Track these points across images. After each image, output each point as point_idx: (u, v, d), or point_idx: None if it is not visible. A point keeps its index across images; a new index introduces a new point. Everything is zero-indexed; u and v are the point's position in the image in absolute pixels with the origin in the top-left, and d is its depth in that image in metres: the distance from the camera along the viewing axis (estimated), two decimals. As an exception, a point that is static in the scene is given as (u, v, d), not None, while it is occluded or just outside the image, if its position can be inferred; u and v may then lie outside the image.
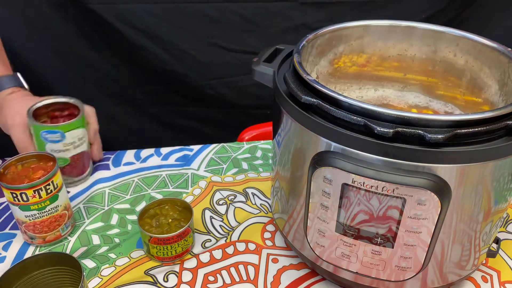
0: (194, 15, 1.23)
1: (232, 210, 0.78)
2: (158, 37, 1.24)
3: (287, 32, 1.27)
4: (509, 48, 0.60)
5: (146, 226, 0.68)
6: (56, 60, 1.26)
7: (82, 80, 1.31)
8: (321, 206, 0.54)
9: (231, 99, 1.36)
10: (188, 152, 0.92)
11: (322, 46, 0.67)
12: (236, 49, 1.29)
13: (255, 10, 1.23)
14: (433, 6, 1.27)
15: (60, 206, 0.69)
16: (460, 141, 0.47)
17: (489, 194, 0.51)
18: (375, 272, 0.56)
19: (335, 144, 0.50)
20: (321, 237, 0.57)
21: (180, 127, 1.43)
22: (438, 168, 0.47)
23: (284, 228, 0.66)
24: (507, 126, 0.48)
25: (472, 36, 0.64)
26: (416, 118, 0.47)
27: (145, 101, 1.38)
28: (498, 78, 0.62)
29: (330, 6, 1.24)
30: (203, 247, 0.71)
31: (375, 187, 0.49)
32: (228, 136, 1.08)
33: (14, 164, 0.68)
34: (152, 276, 0.66)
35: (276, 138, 0.62)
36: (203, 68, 1.31)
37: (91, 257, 0.69)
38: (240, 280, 0.66)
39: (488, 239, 0.59)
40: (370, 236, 0.53)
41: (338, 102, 0.50)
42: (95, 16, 1.19)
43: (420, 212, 0.49)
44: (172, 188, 0.83)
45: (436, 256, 0.55)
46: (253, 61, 0.62)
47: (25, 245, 0.71)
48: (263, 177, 0.86)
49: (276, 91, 0.58)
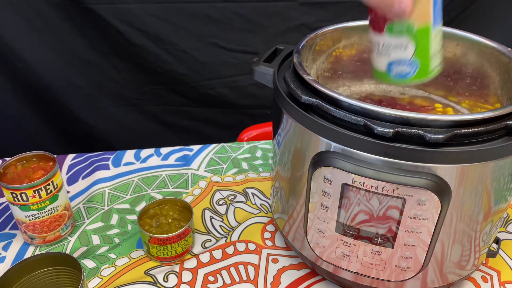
0: (194, 15, 1.23)
1: (232, 210, 0.78)
2: (158, 37, 1.25)
3: (287, 32, 1.27)
4: (509, 48, 0.60)
5: (146, 226, 0.68)
6: (56, 60, 1.26)
7: (82, 80, 1.31)
8: (321, 206, 0.54)
9: (231, 99, 1.37)
10: (188, 152, 0.92)
11: (322, 46, 0.67)
12: (236, 49, 1.29)
13: (255, 10, 1.24)
14: (433, 6, 1.27)
15: (60, 206, 0.69)
16: (460, 141, 0.47)
17: (489, 194, 0.51)
18: (375, 272, 0.56)
19: (335, 144, 0.50)
20: (321, 237, 0.57)
21: (180, 127, 1.43)
22: (438, 168, 0.47)
23: (284, 228, 0.66)
24: (507, 126, 0.48)
25: (472, 36, 0.64)
26: (416, 118, 0.47)
27: (145, 101, 1.38)
28: (498, 78, 0.62)
29: (330, 6, 1.24)
30: (203, 247, 0.71)
31: (375, 187, 0.49)
32: (228, 136, 1.08)
33: (14, 164, 0.68)
34: (152, 276, 0.66)
35: (276, 138, 0.62)
36: (203, 68, 1.31)
37: (91, 257, 0.69)
38: (240, 280, 0.66)
39: (488, 239, 0.59)
40: (370, 236, 0.53)
41: (338, 102, 0.50)
42: (95, 16, 1.20)
43: (420, 212, 0.49)
44: (172, 188, 0.83)
45: (436, 256, 0.55)
46: (253, 61, 0.62)
47: (25, 245, 0.71)
48: (263, 177, 0.86)
49: (276, 91, 0.58)
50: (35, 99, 1.30)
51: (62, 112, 1.33)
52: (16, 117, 1.32)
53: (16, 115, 1.31)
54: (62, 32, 1.22)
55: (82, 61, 1.28)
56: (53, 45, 1.24)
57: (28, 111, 1.32)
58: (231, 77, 1.33)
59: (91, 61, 1.28)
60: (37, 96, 1.30)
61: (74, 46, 1.25)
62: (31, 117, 1.33)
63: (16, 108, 1.30)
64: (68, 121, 1.36)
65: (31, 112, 1.32)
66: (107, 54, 1.28)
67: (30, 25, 1.20)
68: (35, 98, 1.30)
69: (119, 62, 1.30)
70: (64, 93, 1.31)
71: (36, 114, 1.33)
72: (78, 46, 1.25)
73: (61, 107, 1.32)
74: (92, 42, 1.25)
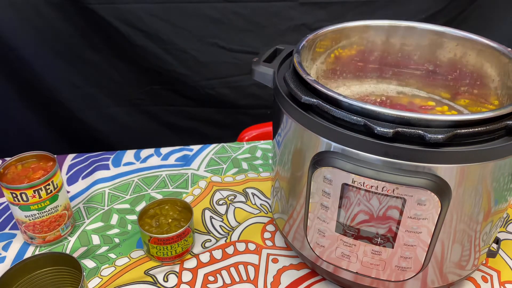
0: (194, 15, 1.23)
1: (232, 210, 0.78)
2: (158, 37, 1.25)
3: (287, 32, 1.27)
4: (509, 48, 0.60)
5: (146, 226, 0.68)
6: (56, 60, 1.26)
7: (82, 80, 1.31)
8: (321, 206, 0.54)
9: (231, 99, 1.37)
10: (188, 152, 0.92)
11: (322, 46, 0.67)
12: (236, 49, 1.29)
13: (255, 10, 1.24)
14: (433, 6, 1.28)
15: (60, 206, 0.69)
16: (460, 141, 0.47)
17: (489, 194, 0.51)
18: (375, 272, 0.56)
19: (335, 144, 0.50)
20: (321, 237, 0.57)
21: (180, 127, 1.44)
22: (438, 168, 0.47)
23: (284, 228, 0.66)
24: (507, 126, 0.48)
25: (472, 36, 0.64)
26: (416, 118, 0.47)
27: (145, 101, 1.38)
28: (498, 78, 0.62)
29: (330, 6, 1.25)
30: (203, 247, 0.71)
31: (375, 187, 0.49)
32: (228, 136, 1.09)
33: (14, 164, 0.68)
34: (152, 276, 0.66)
35: (276, 138, 0.62)
36: (203, 68, 1.31)
37: (91, 257, 0.69)
38: (240, 280, 0.66)
39: (488, 239, 0.59)
40: (370, 236, 0.53)
41: (338, 102, 0.50)
42: (95, 16, 1.20)
43: (420, 212, 0.49)
44: (172, 188, 0.83)
45: (436, 256, 0.55)
46: (253, 61, 0.62)
47: (25, 245, 0.71)
48: (263, 177, 0.86)
49: (276, 91, 0.58)
50: (35, 99, 1.30)
51: (62, 112, 1.34)
52: (16, 117, 1.32)
53: (16, 115, 1.32)
54: (62, 32, 1.22)
55: (82, 61, 1.28)
56: (53, 45, 1.24)
57: (28, 111, 1.32)
58: (231, 77, 1.33)
59: (91, 61, 1.28)
60: (37, 96, 1.30)
61: (74, 46, 1.25)
62: (31, 117, 1.33)
63: (16, 108, 1.30)
64: (68, 121, 1.36)
65: (31, 112, 1.32)
66: (107, 54, 1.28)
67: (30, 25, 1.20)
68: (35, 98, 1.30)
69: (119, 62, 1.30)
70: (64, 93, 1.31)
71: (36, 114, 1.33)
72: (78, 46, 1.25)
73: (61, 107, 1.32)
74: (92, 42, 1.25)
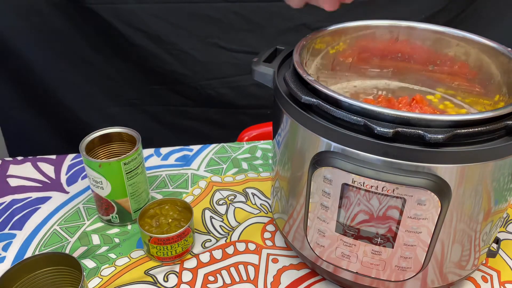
0: (194, 15, 1.23)
1: (232, 210, 0.78)
2: (158, 37, 1.25)
3: (287, 32, 1.27)
4: (509, 48, 0.60)
5: (146, 226, 0.68)
6: (56, 60, 1.26)
7: (82, 80, 1.31)
8: (321, 206, 0.54)
9: (231, 99, 1.37)
10: (188, 152, 0.92)
11: (322, 46, 0.67)
12: (236, 49, 1.29)
13: (255, 10, 1.24)
14: (433, 6, 1.27)
15: None
16: (460, 141, 0.47)
17: (489, 194, 0.51)
18: (375, 272, 0.56)
19: (335, 144, 0.50)
20: (321, 237, 0.57)
21: (180, 127, 1.43)
22: (438, 168, 0.47)
23: (284, 228, 0.66)
24: (507, 126, 0.48)
25: (472, 36, 0.64)
26: (416, 118, 0.47)
27: (145, 101, 1.38)
28: (498, 78, 0.62)
29: (330, 6, 1.24)
30: (203, 247, 0.71)
31: (375, 187, 0.49)
32: (228, 136, 1.08)
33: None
34: (152, 276, 0.66)
35: (276, 138, 0.62)
36: (203, 68, 1.31)
37: (91, 257, 0.69)
38: (240, 280, 0.66)
39: (488, 239, 0.59)
40: (370, 236, 0.53)
41: (338, 102, 0.50)
42: (95, 16, 1.20)
43: (420, 212, 0.49)
44: (172, 188, 0.83)
45: (436, 256, 0.55)
46: (253, 61, 0.62)
47: (25, 245, 0.71)
48: (263, 177, 0.86)
49: (276, 91, 0.58)
50: (35, 99, 1.30)
51: (62, 112, 1.33)
52: (16, 117, 1.32)
53: (15, 115, 1.32)
54: (62, 32, 1.22)
55: (82, 61, 1.28)
56: (53, 45, 1.24)
57: (28, 111, 1.32)
58: (231, 77, 1.33)
59: (91, 61, 1.28)
60: (37, 96, 1.30)
61: (74, 46, 1.25)
62: (31, 117, 1.33)
63: (15, 108, 1.30)
64: (68, 121, 1.36)
65: (31, 112, 1.32)
66: (107, 54, 1.28)
67: (30, 25, 1.20)
68: (35, 98, 1.30)
69: (119, 62, 1.30)
70: (64, 93, 1.31)
71: (36, 114, 1.33)
72: (78, 46, 1.25)
73: (61, 107, 1.32)
74: (92, 42, 1.25)
